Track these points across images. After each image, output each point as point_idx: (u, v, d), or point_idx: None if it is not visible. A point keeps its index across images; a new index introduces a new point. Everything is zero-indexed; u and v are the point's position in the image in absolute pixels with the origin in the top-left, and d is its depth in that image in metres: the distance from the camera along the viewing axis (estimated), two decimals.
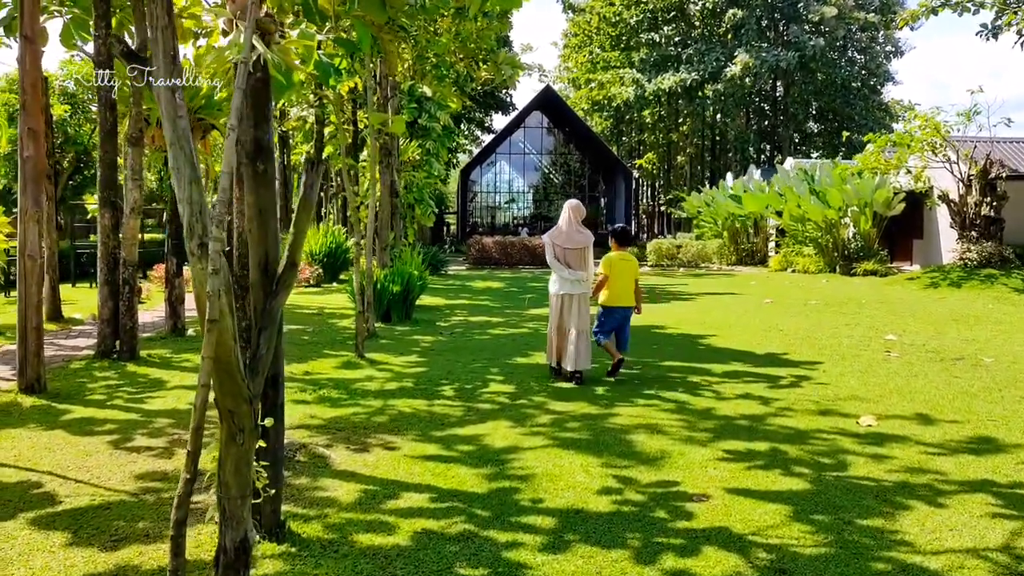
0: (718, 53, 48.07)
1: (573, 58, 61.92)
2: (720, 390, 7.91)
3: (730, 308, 15.98)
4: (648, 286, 22.22)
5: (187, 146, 2.71)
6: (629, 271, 8.57)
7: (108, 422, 6.50)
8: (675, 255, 34.17)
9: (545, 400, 7.37)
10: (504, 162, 57.70)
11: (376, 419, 6.64)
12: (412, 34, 19.58)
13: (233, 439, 2.90)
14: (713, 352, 10.40)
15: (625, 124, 61.87)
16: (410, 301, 13.12)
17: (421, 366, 9.14)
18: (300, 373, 8.68)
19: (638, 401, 7.38)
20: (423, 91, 20.37)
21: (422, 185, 20.52)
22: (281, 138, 31.31)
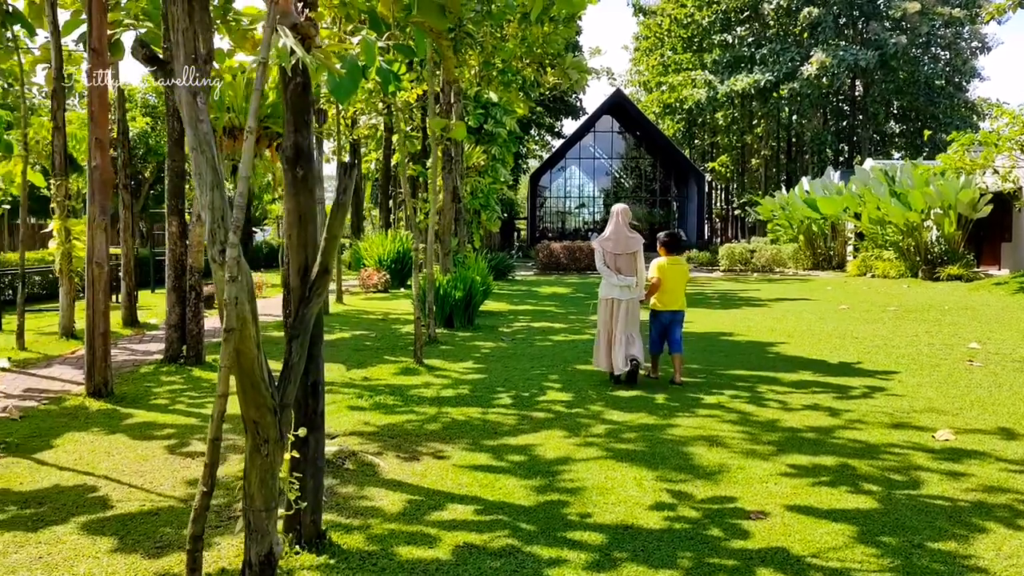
0: (793, 53, 46.89)
1: (644, 61, 61.28)
2: (787, 400, 7.59)
3: (803, 314, 15.47)
4: (719, 292, 21.73)
5: (208, 151, 2.65)
6: (680, 276, 8.67)
7: (168, 427, 6.59)
8: (748, 260, 33.40)
9: (602, 409, 7.19)
10: (574, 167, 57.47)
11: (429, 427, 6.57)
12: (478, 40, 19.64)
13: (258, 450, 2.84)
14: (782, 360, 10.03)
15: (697, 127, 60.91)
16: (472, 307, 13.07)
17: (479, 373, 9.05)
18: (359, 379, 8.69)
19: (699, 411, 7.13)
20: (489, 96, 20.37)
21: (488, 190, 20.51)
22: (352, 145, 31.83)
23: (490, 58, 20.83)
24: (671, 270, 8.63)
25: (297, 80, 3.98)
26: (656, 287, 8.60)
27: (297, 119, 3.98)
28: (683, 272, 8.72)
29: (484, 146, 20.40)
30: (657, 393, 7.90)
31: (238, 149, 10.89)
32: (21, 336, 10.56)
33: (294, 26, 3.89)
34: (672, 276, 8.60)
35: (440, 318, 12.87)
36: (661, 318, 8.64)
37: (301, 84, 3.98)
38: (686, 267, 8.79)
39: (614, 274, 8.40)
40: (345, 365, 9.50)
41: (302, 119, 3.98)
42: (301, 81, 3.98)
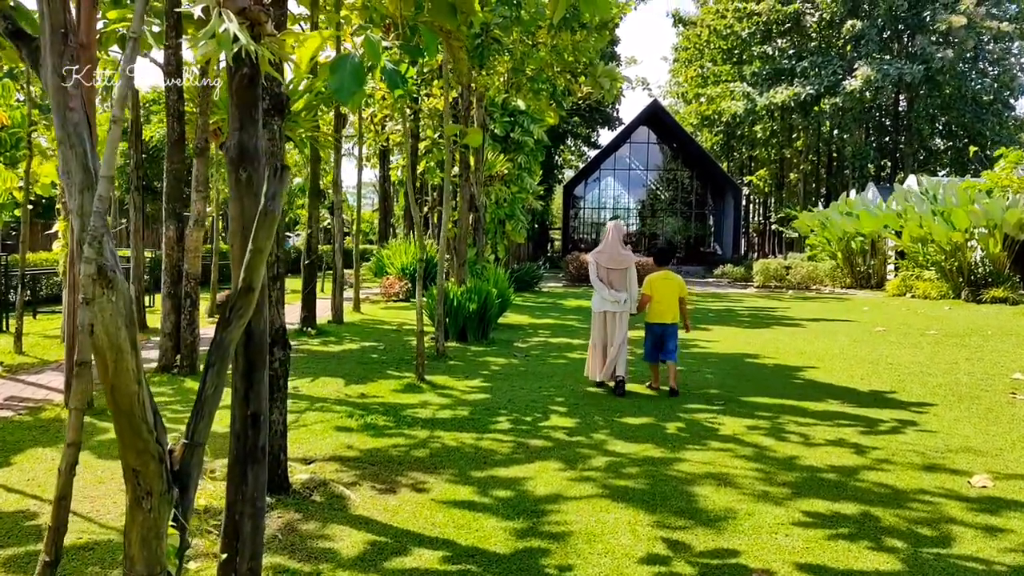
0: (835, 66, 45.82)
1: (683, 72, 60.52)
2: (809, 434, 6.98)
3: (836, 336, 14.75)
4: (751, 309, 21.03)
5: (80, 146, 2.21)
6: (670, 289, 8.85)
7: None
8: (784, 276, 32.54)
9: (606, 439, 6.65)
10: (609, 177, 56.84)
11: (415, 453, 6.08)
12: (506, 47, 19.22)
13: (139, 504, 2.37)
14: (809, 388, 9.40)
15: (736, 140, 59.91)
16: (487, 320, 12.59)
17: (483, 392, 8.55)
18: (355, 395, 8.24)
19: (712, 444, 6.56)
20: (517, 104, 19.93)
21: (513, 200, 20.04)
22: (382, 152, 31.61)
23: (520, 65, 20.43)
24: (661, 284, 8.86)
25: (244, 71, 3.52)
26: (645, 303, 8.90)
27: (243, 115, 3.53)
28: (673, 286, 8.87)
29: (510, 155, 19.94)
30: (669, 421, 7.34)
31: None
32: (19, 339, 10.29)
33: (242, 10, 3.45)
34: (661, 289, 8.83)
35: (453, 331, 12.41)
36: (654, 330, 8.90)
37: (248, 76, 3.52)
38: (676, 280, 8.94)
39: (606, 288, 8.74)
40: (345, 380, 9.06)
41: (248, 115, 3.53)
42: (248, 73, 3.52)
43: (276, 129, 4.99)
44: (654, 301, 8.85)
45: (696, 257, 51.26)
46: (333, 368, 9.83)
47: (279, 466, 4.96)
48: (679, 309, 8.92)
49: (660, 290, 8.83)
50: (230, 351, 2.94)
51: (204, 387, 2.88)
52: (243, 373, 3.57)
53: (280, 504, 4.80)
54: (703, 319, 17.90)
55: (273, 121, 4.97)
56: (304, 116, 11.19)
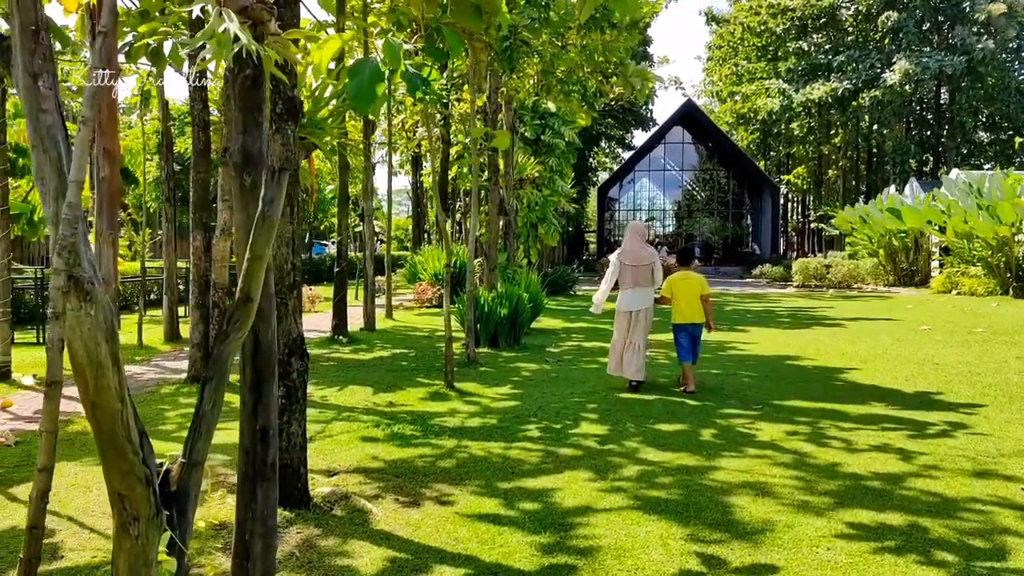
0: (873, 59, 44.92)
1: (717, 71, 59.90)
2: (852, 439, 6.70)
3: (879, 336, 14.33)
4: (790, 310, 20.60)
5: (54, 150, 2.07)
6: (691, 290, 8.84)
7: (160, 459, 6.09)
8: (824, 275, 31.93)
9: (638, 447, 6.43)
10: (644, 179, 56.37)
11: (442, 463, 5.92)
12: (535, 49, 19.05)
13: (126, 530, 2.24)
14: (851, 390, 9.08)
15: (772, 138, 59.09)
16: (519, 325, 12.42)
17: (512, 399, 8.38)
18: (383, 404, 8.12)
19: (749, 451, 6.31)
20: (547, 107, 19.76)
21: (545, 203, 19.85)
22: (414, 158, 31.65)
23: (549, 67, 20.24)
24: (680, 284, 8.87)
25: (246, 73, 3.39)
26: (665, 301, 9.00)
27: (246, 118, 3.39)
28: (694, 285, 8.86)
29: (541, 158, 19.76)
30: (704, 427, 7.10)
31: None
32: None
33: (243, 9, 3.32)
34: (681, 289, 8.85)
35: (485, 337, 12.25)
36: (685, 330, 8.88)
37: (251, 78, 3.39)
38: (697, 279, 8.91)
39: (626, 288, 8.93)
40: (373, 388, 8.95)
41: (252, 118, 3.39)
42: (251, 74, 3.39)
43: (290, 134, 4.87)
44: (676, 302, 8.89)
45: (734, 257, 50.58)
46: (362, 376, 9.73)
47: (299, 479, 4.83)
48: (704, 308, 8.89)
49: (681, 291, 8.86)
50: (228, 365, 2.80)
51: (201, 403, 2.74)
52: (251, 385, 3.43)
53: (300, 519, 4.67)
54: (741, 320, 17.55)
55: (287, 126, 4.85)
56: (331, 123, 11.12)
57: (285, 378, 4.79)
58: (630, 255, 8.94)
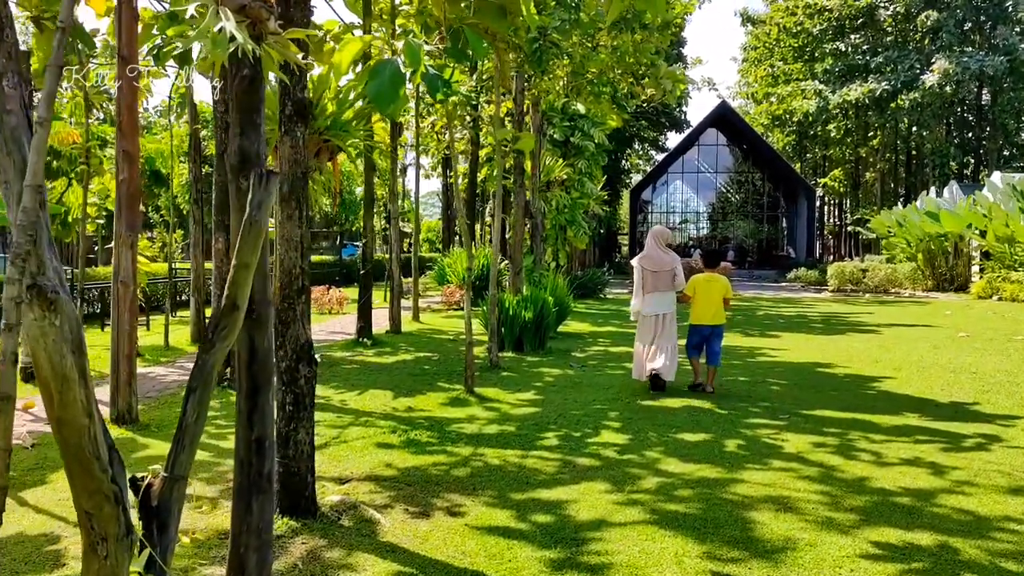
0: (912, 60, 44.06)
1: (752, 73, 59.21)
2: (882, 452, 6.45)
3: (916, 343, 13.95)
4: (824, 315, 20.21)
5: (19, 152, 1.98)
6: (714, 291, 8.96)
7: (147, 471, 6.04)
8: (860, 280, 31.33)
9: (659, 457, 6.25)
10: (678, 181, 55.88)
11: (456, 472, 5.80)
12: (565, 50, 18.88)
13: (94, 550, 2.14)
14: (884, 399, 8.80)
15: (809, 140, 58.29)
16: (544, 329, 12.27)
17: (533, 406, 8.23)
18: (402, 409, 8.02)
19: (774, 463, 6.11)
20: (576, 108, 19.59)
21: (574, 206, 19.67)
22: (444, 160, 31.63)
23: (580, 68, 20.06)
24: (704, 285, 9.00)
25: (244, 73, 3.30)
26: (687, 299, 9.12)
27: (244, 119, 3.30)
28: (718, 287, 8.99)
29: (571, 160, 19.59)
30: (729, 438, 6.89)
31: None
32: None
33: (241, 8, 3.23)
34: (705, 291, 8.98)
35: (509, 341, 12.13)
36: (700, 331, 9.01)
37: (248, 78, 3.29)
38: (722, 282, 9.04)
39: (646, 294, 9.02)
40: (393, 393, 8.86)
41: (250, 119, 3.29)
42: (249, 74, 3.30)
43: (300, 136, 4.78)
44: (696, 303, 9.01)
45: (769, 260, 49.94)
46: (383, 380, 9.65)
47: (306, 488, 4.74)
48: (723, 311, 9.06)
49: (703, 291, 8.99)
50: (213, 375, 2.70)
51: (185, 415, 2.64)
52: (247, 394, 3.33)
53: (306, 529, 4.57)
54: (773, 325, 17.24)
55: (297, 128, 4.76)
56: (356, 125, 11.08)
57: (293, 385, 4.70)
58: (651, 260, 9.06)
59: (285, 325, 4.71)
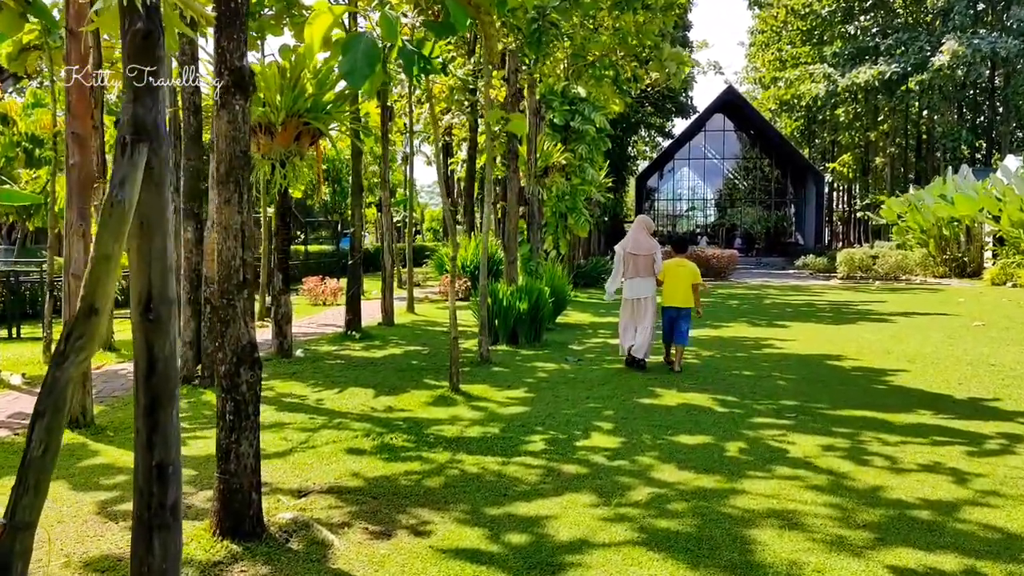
0: (923, 42, 43.15)
1: (759, 57, 58.37)
2: (897, 456, 5.90)
3: (928, 333, 13.37)
4: (833, 303, 19.61)
5: None
6: (682, 276, 9.50)
7: (124, 471, 5.55)
8: (870, 266, 30.69)
9: (652, 463, 5.71)
10: (684, 168, 55.17)
11: (428, 483, 5.27)
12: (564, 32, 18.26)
13: None
14: (897, 395, 8.24)
15: (817, 124, 57.49)
16: (539, 321, 11.72)
17: (522, 404, 7.70)
18: (381, 409, 7.50)
19: (778, 469, 5.56)
20: (577, 92, 18.97)
21: (575, 193, 19.08)
22: (445, 148, 31.00)
23: (580, 51, 19.42)
24: (673, 270, 9.53)
25: (138, 26, 2.75)
26: (659, 284, 9.63)
27: (138, 82, 2.76)
28: (685, 273, 9.52)
29: (571, 145, 18.98)
30: (730, 440, 6.35)
31: (275, 147, 9.95)
32: (49, 348, 9.92)
33: None
34: (673, 275, 9.50)
35: (503, 334, 11.59)
36: (668, 312, 9.53)
37: (142, 32, 2.75)
38: (689, 267, 9.60)
39: (628, 278, 9.60)
40: (375, 391, 8.34)
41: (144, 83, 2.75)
42: (143, 28, 2.75)
43: (239, 111, 4.23)
44: (665, 286, 9.54)
45: (776, 248, 49.28)
46: (366, 377, 9.13)
47: (250, 507, 4.22)
48: (692, 295, 9.50)
49: (671, 276, 9.50)
50: (65, 395, 2.18)
51: (30, 447, 2.12)
52: (145, 411, 2.82)
53: (248, 554, 4.05)
54: (780, 315, 16.67)
55: (235, 101, 4.21)
56: (339, 107, 10.53)
57: (233, 391, 4.18)
58: (633, 245, 9.61)
59: (225, 324, 4.18)
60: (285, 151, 9.95)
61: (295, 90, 9.70)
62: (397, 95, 21.98)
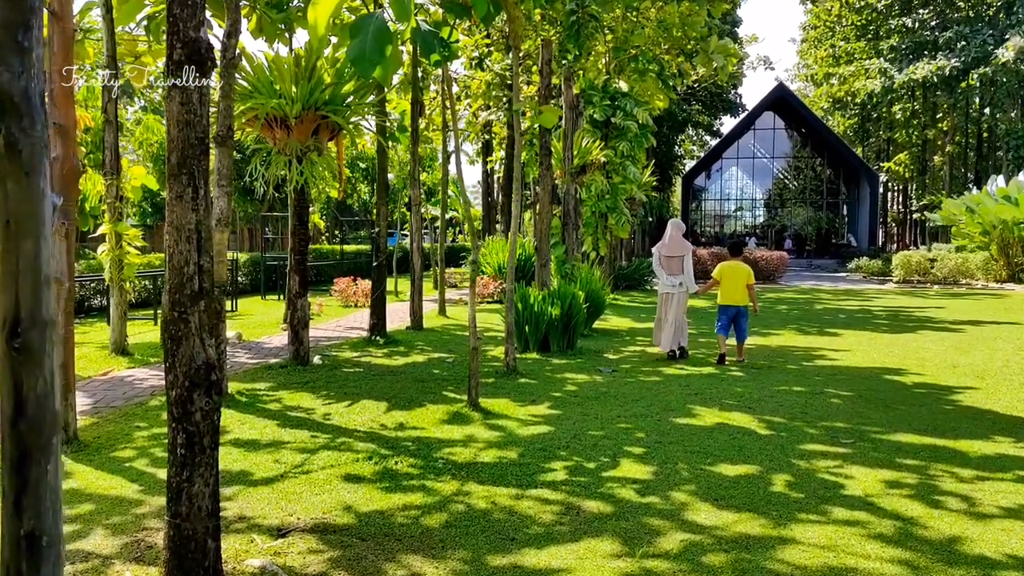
0: (985, 36, 41.30)
1: (812, 54, 56.69)
2: (975, 497, 5.08)
3: (997, 344, 12.34)
4: (889, 309, 18.53)
5: None
6: (738, 276, 10.26)
7: (92, 498, 4.98)
8: (928, 270, 29.28)
9: (688, 501, 4.96)
10: (732, 167, 53.90)
11: (427, 520, 4.61)
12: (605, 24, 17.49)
13: None
14: (968, 418, 7.36)
15: (872, 122, 55.65)
16: (573, 328, 11.00)
17: (545, 423, 6.99)
18: (392, 426, 6.86)
19: (833, 511, 4.78)
20: (618, 87, 18.18)
21: (615, 191, 18.29)
22: (485, 145, 30.41)
23: (622, 44, 18.63)
24: (730, 271, 10.30)
25: None
26: (712, 284, 10.50)
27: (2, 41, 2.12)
28: (740, 273, 10.26)
29: (612, 142, 18.19)
30: (777, 472, 5.57)
31: (291, 142, 9.38)
32: None
33: None
34: (728, 276, 10.28)
35: (534, 341, 10.90)
36: (727, 311, 10.26)
37: None
38: (744, 269, 10.32)
39: (664, 274, 10.64)
40: (388, 404, 7.71)
41: (11, 41, 2.12)
42: None
43: (195, 91, 3.60)
44: (723, 287, 10.28)
45: (828, 249, 47.80)
46: (382, 388, 8.51)
47: (205, 558, 3.58)
48: (748, 294, 10.24)
49: (728, 277, 10.27)
50: None
51: None
52: (13, 466, 2.17)
53: None
54: (833, 322, 15.69)
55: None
56: (358, 99, 9.94)
57: (185, 421, 3.55)
58: (668, 247, 10.64)
59: (176, 342, 3.57)
60: (302, 146, 9.37)
61: (311, 81, 9.12)
62: (435, 92, 21.44)
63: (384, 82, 7.35)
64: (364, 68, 6.14)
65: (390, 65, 6.95)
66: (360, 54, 6.08)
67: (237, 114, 9.05)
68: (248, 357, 10.60)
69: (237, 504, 4.82)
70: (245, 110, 8.97)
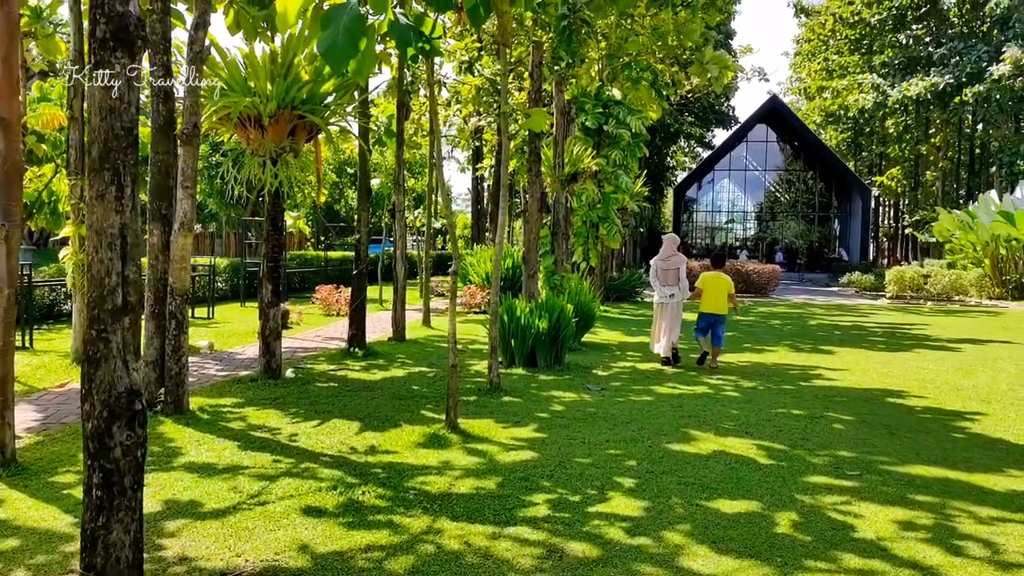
0: (979, 52, 41.14)
1: (805, 67, 56.56)
2: (997, 541, 4.61)
3: (999, 364, 11.92)
4: (884, 326, 18.12)
5: None
6: (719, 286, 10.85)
7: (19, 532, 4.45)
8: (921, 286, 28.95)
9: (682, 543, 4.47)
10: (724, 179, 53.62)
11: (391, 564, 4.10)
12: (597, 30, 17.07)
13: None
14: (980, 447, 6.90)
15: (864, 137, 55.47)
16: (561, 342, 10.51)
17: (530, 448, 6.49)
18: (362, 450, 6.35)
19: (843, 557, 4.30)
20: (611, 94, 17.76)
21: (607, 201, 17.83)
22: (476, 152, 29.95)
23: (615, 51, 18.22)
24: (711, 281, 10.90)
25: None
26: (697, 294, 10.99)
27: None
28: (721, 284, 10.86)
29: (605, 151, 17.75)
30: (781, 509, 5.09)
31: (265, 143, 8.87)
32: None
33: None
34: (710, 286, 10.87)
35: (520, 356, 10.41)
36: (707, 318, 10.91)
37: None
38: (725, 280, 10.91)
39: (659, 285, 11.21)
40: (361, 424, 7.20)
41: None
42: None
43: (121, 71, 3.10)
44: (705, 296, 10.88)
45: (819, 263, 47.50)
46: (356, 405, 8.00)
47: None
48: (727, 303, 10.85)
49: (709, 286, 10.87)
50: None
51: None
52: None
53: None
54: (828, 338, 15.26)
55: (114, 60, 3.08)
56: (339, 98, 9.46)
57: (102, 457, 3.05)
58: (663, 259, 11.24)
59: (94, 365, 3.06)
60: (277, 147, 8.87)
61: (288, 78, 8.63)
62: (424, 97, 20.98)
63: (360, 79, 6.88)
64: (335, 62, 5.66)
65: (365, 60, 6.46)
66: (331, 46, 5.60)
67: (208, 112, 8.56)
68: (217, 369, 10.07)
69: (179, 542, 4.31)
70: (217, 108, 8.46)
